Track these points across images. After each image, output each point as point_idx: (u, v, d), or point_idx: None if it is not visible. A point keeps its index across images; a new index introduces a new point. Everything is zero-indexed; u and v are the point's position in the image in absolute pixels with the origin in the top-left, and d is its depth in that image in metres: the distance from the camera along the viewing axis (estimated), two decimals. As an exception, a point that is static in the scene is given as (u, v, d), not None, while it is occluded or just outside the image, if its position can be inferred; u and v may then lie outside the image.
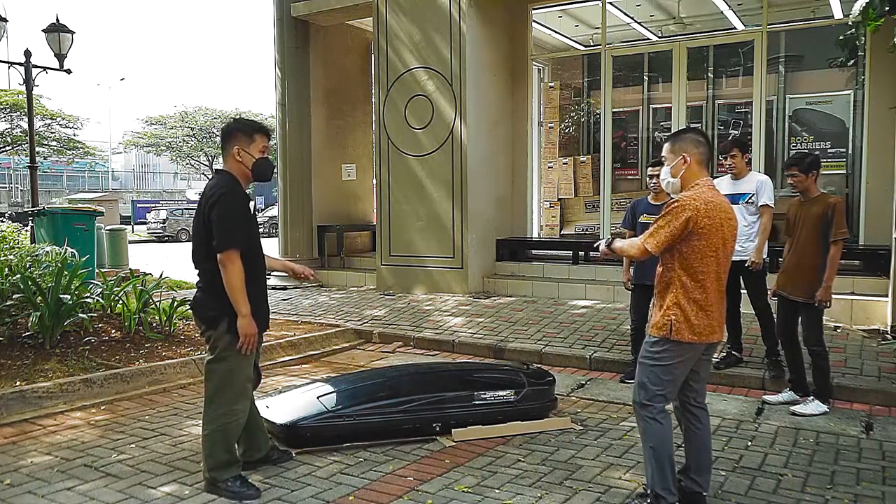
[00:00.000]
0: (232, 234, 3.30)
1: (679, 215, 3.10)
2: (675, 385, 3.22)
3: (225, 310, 3.36)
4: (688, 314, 3.13)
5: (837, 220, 4.59)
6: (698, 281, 3.14)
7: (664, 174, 3.34)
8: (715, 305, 3.19)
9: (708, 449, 3.33)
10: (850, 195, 8.23)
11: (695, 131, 3.45)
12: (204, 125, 40.36)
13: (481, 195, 9.09)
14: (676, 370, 3.18)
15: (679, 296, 3.15)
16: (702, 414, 3.32)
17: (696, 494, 3.25)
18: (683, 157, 3.24)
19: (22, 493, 3.43)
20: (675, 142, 3.32)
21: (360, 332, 7.33)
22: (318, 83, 10.94)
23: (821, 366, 4.75)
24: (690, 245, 3.12)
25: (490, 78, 9.30)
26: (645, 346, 3.28)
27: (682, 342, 3.13)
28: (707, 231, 3.10)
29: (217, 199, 3.33)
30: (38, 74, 11.43)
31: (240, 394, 3.47)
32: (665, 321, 3.16)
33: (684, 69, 8.85)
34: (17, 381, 4.94)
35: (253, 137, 3.40)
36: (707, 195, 3.15)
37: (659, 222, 3.17)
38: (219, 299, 3.36)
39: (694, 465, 3.28)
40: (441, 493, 3.46)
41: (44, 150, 31.11)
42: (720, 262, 3.18)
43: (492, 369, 5.22)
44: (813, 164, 4.77)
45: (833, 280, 4.63)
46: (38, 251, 6.73)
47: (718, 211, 3.14)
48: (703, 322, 3.14)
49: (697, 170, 3.24)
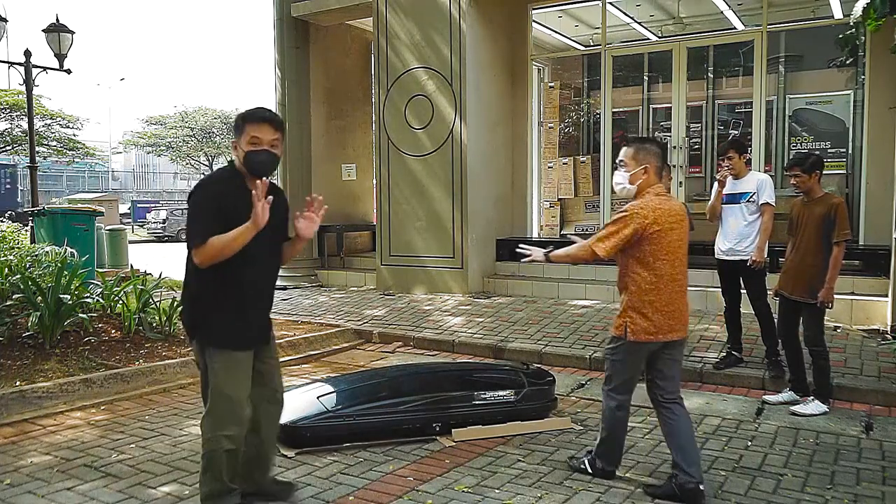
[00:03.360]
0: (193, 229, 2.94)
1: (628, 225, 3.30)
2: (632, 377, 3.50)
3: (197, 319, 3.04)
4: (644, 315, 3.34)
5: (840, 221, 4.59)
6: (652, 283, 3.34)
7: (621, 179, 3.46)
8: (673, 305, 3.37)
9: (690, 440, 3.41)
10: (850, 195, 8.23)
11: (656, 143, 3.60)
12: (204, 125, 40.34)
13: (481, 195, 9.09)
14: (633, 366, 3.48)
15: (634, 298, 3.37)
16: (675, 406, 3.45)
17: (693, 488, 3.28)
18: (646, 167, 3.40)
19: (22, 493, 3.43)
20: (638, 150, 3.44)
21: (360, 332, 7.33)
22: (318, 83, 10.94)
23: (821, 366, 4.75)
24: (642, 250, 3.32)
25: (490, 78, 9.30)
26: (607, 341, 3.59)
27: (637, 342, 3.37)
28: (657, 236, 3.30)
29: (192, 192, 3.04)
30: (38, 74, 11.44)
31: (225, 418, 2.97)
32: (621, 322, 3.41)
33: (684, 69, 8.85)
34: (17, 381, 4.94)
35: (243, 128, 2.99)
36: (655, 203, 3.34)
37: (609, 227, 3.36)
38: (191, 306, 3.07)
39: (681, 459, 3.36)
40: (441, 493, 3.46)
41: (44, 150, 31.08)
42: (674, 264, 3.37)
43: (492, 369, 5.22)
44: (815, 164, 4.77)
45: (835, 281, 4.63)
46: (38, 251, 6.73)
47: (667, 216, 3.34)
48: (660, 321, 3.34)
49: (654, 180, 3.42)
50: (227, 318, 2.99)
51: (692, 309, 7.20)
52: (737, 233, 5.42)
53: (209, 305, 3.00)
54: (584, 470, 3.63)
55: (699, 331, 6.54)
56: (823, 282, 4.62)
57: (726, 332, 5.74)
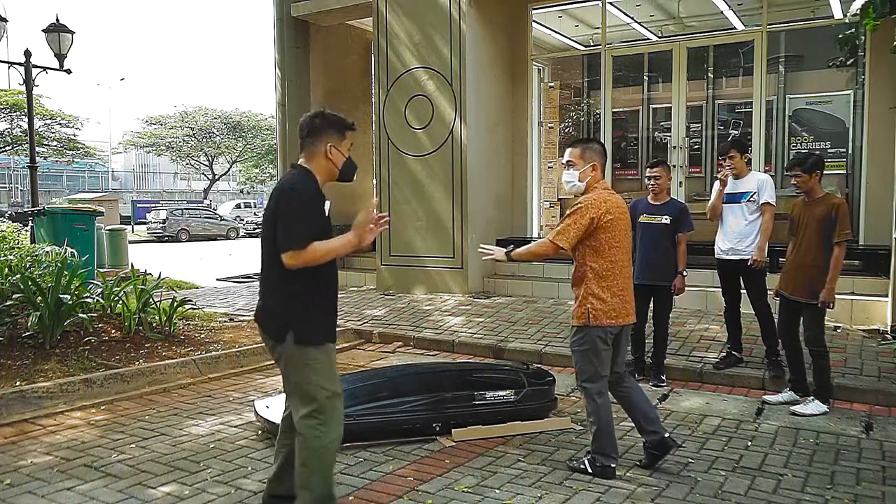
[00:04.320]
0: (295, 232, 2.89)
1: (584, 215, 3.56)
2: (604, 364, 3.66)
3: (294, 317, 2.97)
4: (603, 300, 3.58)
5: (841, 221, 4.58)
6: (609, 269, 3.59)
7: (570, 177, 3.75)
8: (626, 291, 3.67)
9: (645, 401, 3.82)
10: (850, 195, 8.23)
11: (598, 143, 3.93)
12: (204, 125, 40.38)
13: (481, 195, 9.09)
14: (602, 351, 3.63)
15: (592, 286, 3.61)
16: (624, 381, 3.80)
17: (661, 439, 3.70)
18: (594, 164, 3.71)
19: (22, 493, 3.43)
20: (584, 150, 3.75)
21: (360, 332, 7.32)
22: (318, 83, 10.94)
23: (821, 366, 4.75)
24: (598, 239, 3.58)
25: (490, 78, 9.30)
26: (571, 335, 3.74)
27: (601, 326, 3.58)
28: (611, 225, 3.58)
29: (289, 190, 2.96)
30: (38, 74, 11.42)
31: (335, 415, 3.00)
32: (583, 311, 3.62)
33: (684, 69, 8.85)
34: (17, 381, 4.94)
35: (345, 135, 3.11)
36: (605, 195, 3.65)
37: (566, 221, 3.60)
38: (287, 305, 2.99)
39: (641, 419, 3.75)
40: (441, 493, 3.46)
41: (44, 150, 31.10)
42: (625, 251, 3.67)
43: (492, 369, 5.22)
44: (816, 164, 4.76)
45: (836, 281, 4.62)
46: (38, 251, 6.73)
47: (615, 207, 3.63)
48: (618, 305, 3.61)
49: (600, 177, 3.74)
50: (323, 313, 3.05)
51: (692, 309, 7.28)
52: (737, 232, 5.42)
53: (309, 303, 3.00)
54: (584, 470, 3.67)
55: (699, 331, 6.54)
56: (824, 282, 4.61)
57: (726, 332, 5.73)
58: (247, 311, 8.09)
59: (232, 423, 4.57)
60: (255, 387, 5.48)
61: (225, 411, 4.83)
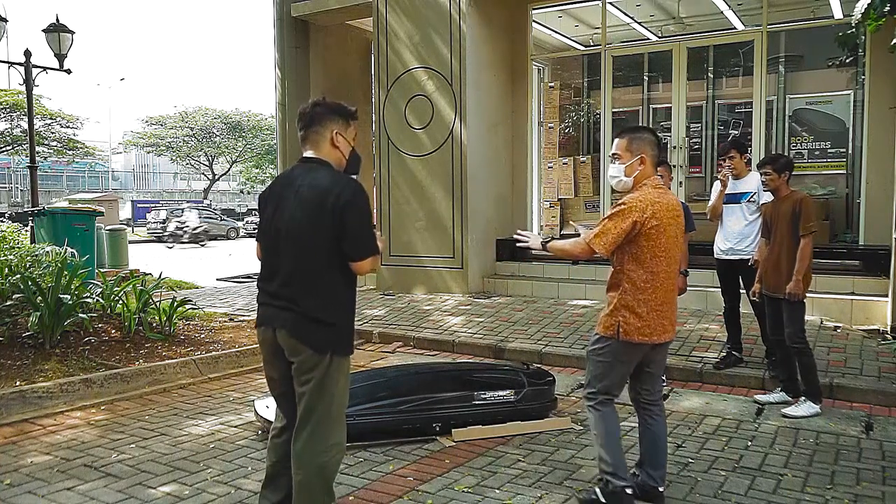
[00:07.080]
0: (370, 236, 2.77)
1: (627, 217, 3.11)
2: (620, 381, 3.28)
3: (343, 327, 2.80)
4: (638, 314, 3.15)
5: (805, 214, 4.64)
6: (648, 281, 3.15)
7: (616, 172, 3.29)
8: (666, 305, 3.21)
9: (662, 445, 3.36)
10: (850, 195, 8.23)
11: (651, 132, 3.41)
12: (204, 125, 40.40)
13: (481, 195, 9.09)
14: (622, 368, 3.25)
15: (628, 297, 3.17)
16: (655, 409, 3.38)
17: (651, 489, 3.28)
18: (641, 157, 3.24)
19: (22, 493, 3.43)
20: (632, 140, 3.28)
21: (360, 332, 7.32)
22: (318, 83, 10.93)
23: (806, 363, 4.73)
24: (639, 245, 3.14)
25: (490, 78, 9.30)
26: (592, 341, 3.33)
27: (630, 342, 3.17)
28: (655, 232, 3.12)
29: (352, 198, 2.70)
30: (38, 74, 11.42)
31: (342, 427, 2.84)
32: (613, 322, 3.19)
33: (684, 69, 8.85)
34: (17, 381, 4.94)
35: (349, 122, 2.86)
36: (653, 196, 3.17)
37: (606, 223, 3.16)
38: (341, 315, 2.80)
39: (647, 459, 3.34)
40: (441, 493, 3.46)
41: (44, 150, 31.12)
42: (670, 262, 3.19)
43: (492, 369, 5.21)
44: (786, 165, 4.85)
45: (804, 273, 4.61)
46: (38, 251, 6.72)
47: (665, 211, 3.16)
48: (654, 321, 3.17)
49: (650, 171, 3.26)
50: (352, 322, 2.89)
51: (692, 309, 7.28)
52: (737, 232, 5.43)
53: (351, 313, 2.86)
54: (597, 500, 3.21)
55: (699, 331, 6.54)
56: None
57: (726, 332, 5.74)
58: (247, 311, 8.09)
59: (232, 423, 4.57)
60: (255, 387, 5.48)
61: (225, 411, 4.83)
